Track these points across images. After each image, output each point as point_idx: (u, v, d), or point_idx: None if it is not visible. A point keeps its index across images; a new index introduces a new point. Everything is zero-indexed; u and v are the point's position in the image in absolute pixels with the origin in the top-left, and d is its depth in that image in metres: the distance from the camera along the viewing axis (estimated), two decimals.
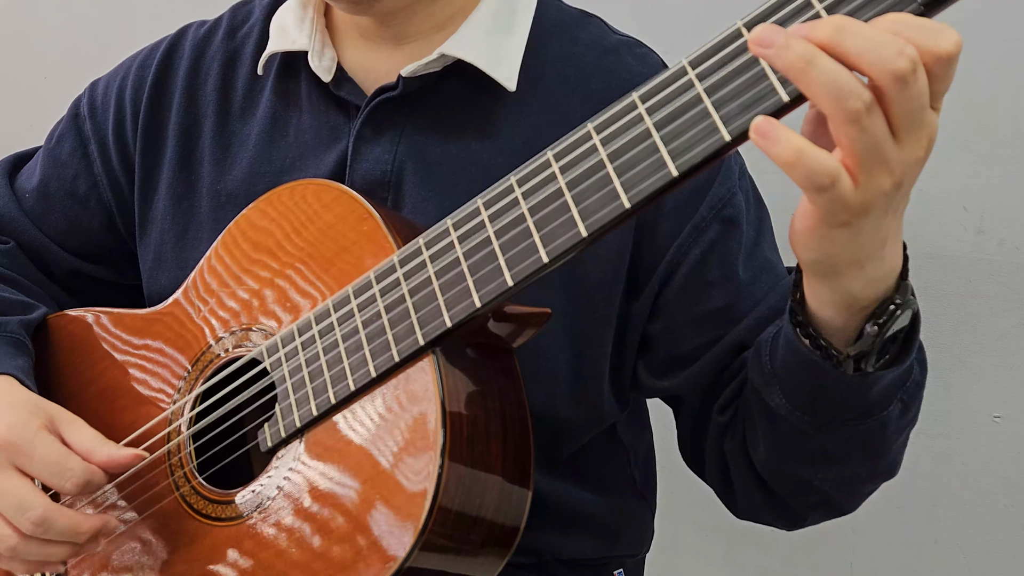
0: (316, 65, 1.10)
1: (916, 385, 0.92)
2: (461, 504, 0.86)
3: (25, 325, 1.16)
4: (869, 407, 0.89)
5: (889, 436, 0.93)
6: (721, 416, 1.06)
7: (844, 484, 0.99)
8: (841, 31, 0.65)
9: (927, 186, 1.59)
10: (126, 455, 0.99)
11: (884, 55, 0.64)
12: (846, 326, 0.83)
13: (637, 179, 0.75)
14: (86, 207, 1.25)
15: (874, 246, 0.75)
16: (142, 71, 1.22)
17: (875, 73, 0.65)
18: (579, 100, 1.07)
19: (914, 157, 0.69)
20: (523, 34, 1.08)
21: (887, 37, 0.64)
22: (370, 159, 1.08)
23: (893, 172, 0.68)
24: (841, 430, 0.91)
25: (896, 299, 0.80)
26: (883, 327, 0.80)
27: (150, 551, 1.02)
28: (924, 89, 0.66)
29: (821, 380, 0.87)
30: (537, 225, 0.81)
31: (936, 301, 1.62)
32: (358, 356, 0.90)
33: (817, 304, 0.83)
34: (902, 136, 0.67)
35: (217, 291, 1.06)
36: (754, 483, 1.03)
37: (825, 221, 0.71)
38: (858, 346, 0.82)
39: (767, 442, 0.98)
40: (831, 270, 0.77)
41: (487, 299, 0.84)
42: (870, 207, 0.69)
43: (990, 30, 1.52)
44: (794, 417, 0.92)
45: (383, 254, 0.92)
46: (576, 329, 1.06)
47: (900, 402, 0.91)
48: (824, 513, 1.04)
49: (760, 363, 0.95)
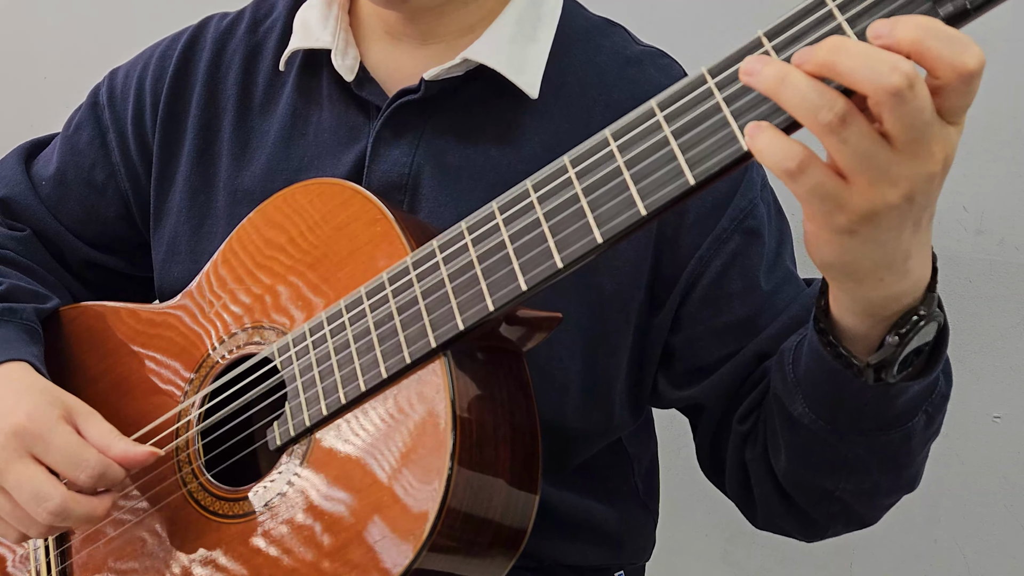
0: (339, 64, 1.10)
1: (942, 397, 0.92)
2: (469, 506, 0.86)
3: (39, 314, 1.15)
4: (893, 419, 0.89)
5: (914, 448, 0.93)
6: (741, 425, 1.05)
7: (865, 495, 0.99)
8: (835, 51, 0.65)
9: None
10: (142, 452, 0.99)
11: (877, 72, 0.64)
12: (868, 335, 0.82)
13: (654, 187, 0.75)
14: (103, 196, 1.24)
15: (894, 259, 0.74)
16: (163, 61, 1.22)
17: (870, 91, 0.65)
18: (600, 109, 1.06)
19: (924, 171, 0.68)
20: (547, 41, 1.08)
21: (881, 54, 0.64)
22: (388, 161, 1.08)
23: (897, 184, 0.68)
24: (863, 440, 0.91)
25: (920, 310, 0.79)
26: (904, 337, 0.80)
27: (156, 546, 1.02)
28: (925, 103, 0.65)
29: (843, 389, 0.87)
30: (552, 230, 0.81)
31: None
32: (369, 357, 0.91)
33: (839, 311, 0.83)
34: (904, 148, 0.67)
35: (229, 288, 1.06)
36: (775, 493, 1.03)
37: (825, 225, 0.71)
38: (878, 355, 0.82)
39: (788, 451, 0.97)
40: (848, 277, 0.77)
41: (500, 303, 0.84)
42: (876, 217, 0.69)
43: (990, 30, 1.53)
44: (816, 426, 0.92)
45: (396, 255, 0.92)
46: (589, 339, 1.06)
47: (925, 414, 0.91)
48: (845, 524, 1.04)
49: (783, 371, 0.94)
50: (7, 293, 1.14)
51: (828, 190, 0.68)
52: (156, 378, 1.08)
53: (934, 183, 0.69)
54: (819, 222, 0.71)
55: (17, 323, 1.12)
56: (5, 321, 1.11)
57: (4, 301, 1.13)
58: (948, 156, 0.69)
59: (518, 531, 0.93)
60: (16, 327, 1.11)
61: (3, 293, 1.14)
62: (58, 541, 1.10)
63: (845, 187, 0.68)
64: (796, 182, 0.68)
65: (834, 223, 0.70)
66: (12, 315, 1.12)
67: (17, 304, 1.14)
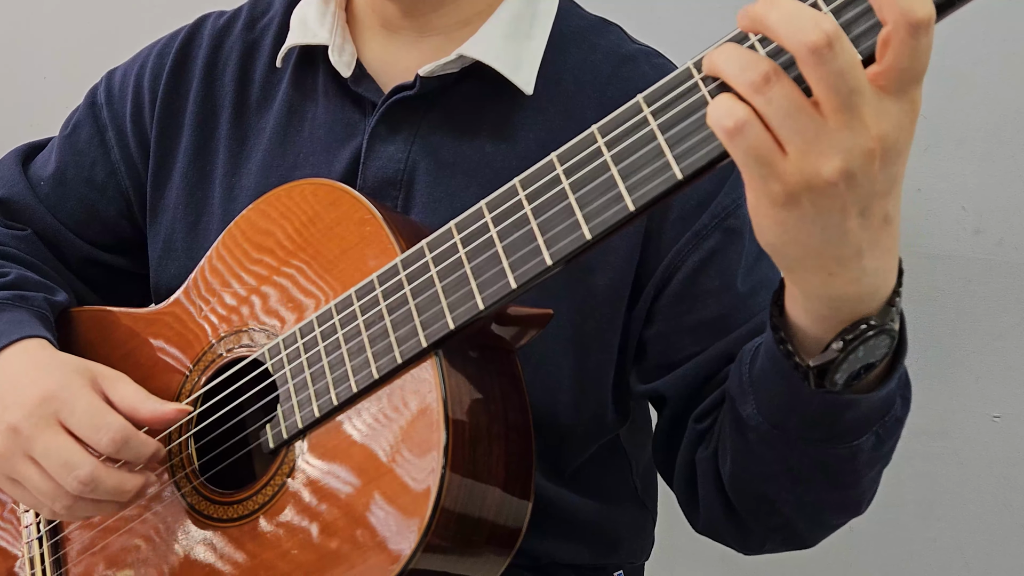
0: (336, 60, 1.10)
1: (896, 421, 0.89)
2: (463, 506, 0.86)
3: (50, 303, 1.15)
4: (840, 432, 0.87)
5: (859, 468, 0.91)
6: (698, 424, 1.04)
7: (806, 510, 0.96)
8: (767, 5, 0.66)
9: (925, 186, 1.59)
10: (171, 410, 0.99)
11: (797, 27, 0.64)
12: (821, 340, 0.80)
13: (642, 182, 0.75)
14: (104, 194, 1.24)
15: (841, 251, 0.72)
16: (160, 59, 1.22)
17: (791, 47, 0.65)
18: (595, 107, 1.06)
19: (857, 145, 0.66)
20: (542, 39, 1.08)
21: (807, 11, 0.65)
22: (383, 157, 1.08)
23: (829, 156, 0.66)
24: (807, 450, 0.89)
25: (872, 320, 0.77)
26: (849, 344, 0.78)
27: (152, 551, 1.02)
28: (848, 66, 0.64)
29: (791, 393, 0.85)
30: (541, 228, 0.81)
31: (935, 301, 1.62)
32: (360, 358, 0.90)
33: (794, 309, 0.81)
34: (831, 116, 0.66)
35: (219, 290, 1.06)
36: (718, 497, 1.01)
37: (763, 194, 0.70)
38: (820, 358, 0.80)
39: (735, 454, 0.95)
40: (794, 263, 0.75)
41: (490, 301, 0.84)
42: (811, 191, 0.68)
43: (990, 30, 1.53)
44: (763, 429, 0.90)
45: (385, 255, 0.92)
46: (581, 337, 1.06)
47: (875, 435, 0.88)
48: (783, 540, 1.01)
49: (739, 371, 0.93)
50: (16, 282, 1.15)
51: (763, 153, 0.67)
52: (150, 382, 1.08)
53: (874, 163, 0.67)
54: (756, 190, 0.70)
55: (29, 308, 1.12)
56: (17, 306, 1.11)
57: (14, 289, 1.13)
58: (887, 134, 0.67)
59: (513, 530, 0.93)
60: (29, 312, 1.11)
61: (12, 282, 1.14)
62: (53, 548, 1.10)
63: (780, 153, 0.67)
64: (733, 141, 0.68)
65: (770, 192, 0.69)
66: (24, 302, 1.12)
67: (28, 292, 1.14)
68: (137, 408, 0.98)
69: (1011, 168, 1.56)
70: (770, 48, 0.69)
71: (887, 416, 0.88)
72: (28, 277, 1.17)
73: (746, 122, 0.67)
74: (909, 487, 1.68)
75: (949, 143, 1.58)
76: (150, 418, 0.98)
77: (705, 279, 1.04)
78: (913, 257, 1.61)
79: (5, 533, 1.15)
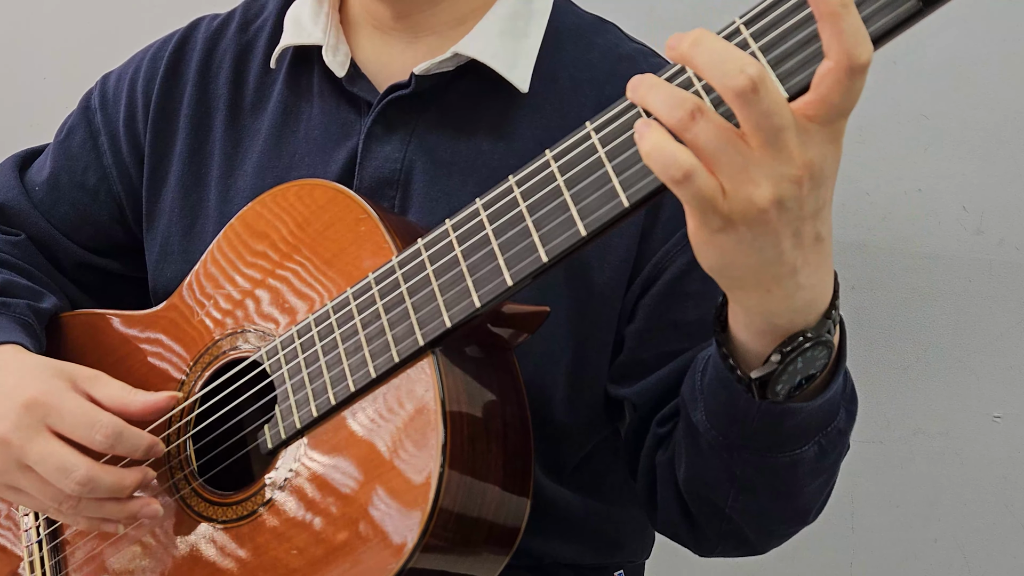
0: (330, 60, 1.10)
1: (838, 432, 0.91)
2: (462, 505, 0.86)
3: (34, 310, 1.15)
4: (781, 441, 0.88)
5: (801, 477, 0.92)
6: (660, 428, 1.04)
7: (753, 518, 0.97)
8: (694, 45, 0.69)
9: (926, 186, 1.59)
10: (161, 398, 0.99)
11: (723, 71, 0.67)
12: (761, 354, 0.82)
13: (636, 177, 0.75)
14: (96, 199, 1.24)
15: (777, 271, 0.74)
16: (154, 63, 1.22)
17: (718, 89, 0.68)
18: (592, 105, 1.06)
19: (786, 174, 0.69)
20: (537, 37, 1.09)
21: (733, 53, 0.67)
22: (380, 157, 1.08)
23: (758, 184, 0.69)
24: (751, 458, 0.90)
25: (808, 333, 0.80)
26: (787, 356, 0.80)
27: (151, 553, 1.02)
28: (774, 106, 0.67)
29: (733, 402, 0.86)
30: (536, 224, 0.81)
31: (935, 301, 1.62)
32: (358, 357, 0.90)
33: (735, 324, 0.84)
34: (758, 148, 0.68)
35: (214, 292, 1.06)
36: (675, 500, 1.01)
37: (703, 224, 0.72)
38: (760, 371, 0.82)
39: (687, 459, 0.96)
40: (733, 283, 0.78)
41: (487, 299, 0.84)
42: (746, 218, 0.70)
43: (990, 30, 1.52)
44: (710, 436, 0.91)
45: (381, 254, 0.92)
46: (579, 335, 1.06)
47: (817, 445, 0.89)
48: (734, 546, 1.02)
49: (692, 379, 0.94)
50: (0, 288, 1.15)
51: (706, 195, 0.70)
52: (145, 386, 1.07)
53: (802, 189, 0.70)
54: (696, 222, 0.73)
55: (9, 315, 1.12)
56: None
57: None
58: (813, 161, 0.69)
59: (512, 528, 0.93)
60: (8, 318, 1.11)
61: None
62: (53, 551, 1.10)
63: (719, 189, 0.70)
64: (680, 188, 0.70)
65: (709, 223, 0.71)
66: (5, 308, 1.12)
67: (11, 299, 1.14)
68: (127, 403, 0.98)
69: (1012, 168, 1.56)
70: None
71: (830, 427, 0.89)
72: (14, 283, 1.17)
73: (693, 171, 0.69)
74: (910, 487, 1.67)
75: (949, 143, 1.58)
76: (141, 409, 0.98)
77: (689, 282, 1.05)
78: (913, 257, 1.61)
79: (5, 537, 1.15)
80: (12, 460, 0.98)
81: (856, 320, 1.60)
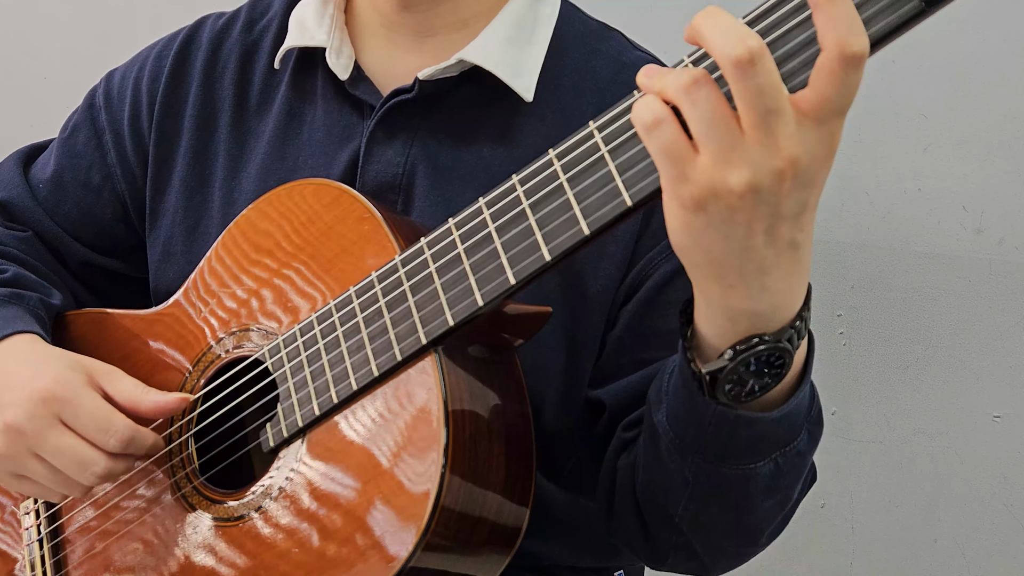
0: (334, 62, 1.10)
1: (797, 454, 0.89)
2: (463, 504, 0.86)
3: (45, 305, 1.16)
4: (735, 451, 0.87)
5: (753, 494, 0.90)
6: (626, 433, 1.03)
7: (702, 532, 0.96)
8: (706, 16, 0.69)
9: (926, 186, 1.59)
10: (173, 400, 1.00)
11: (726, 40, 0.67)
12: (719, 349, 0.81)
13: (639, 176, 0.75)
14: (99, 197, 1.24)
15: (741, 262, 0.74)
16: (159, 62, 1.22)
17: (718, 57, 0.68)
18: (593, 113, 1.04)
19: (768, 164, 0.69)
20: (543, 44, 1.08)
21: (738, 27, 0.68)
22: (382, 161, 1.08)
23: (738, 167, 0.69)
24: (703, 466, 0.89)
25: (766, 335, 0.79)
26: (738, 353, 0.79)
27: (152, 551, 1.02)
28: (769, 85, 0.67)
29: (692, 401, 0.85)
30: (539, 223, 0.81)
31: (935, 301, 1.62)
32: (360, 355, 0.91)
33: (698, 316, 0.82)
34: (748, 130, 0.69)
35: (217, 291, 1.06)
36: (632, 506, 1.00)
37: (673, 194, 0.72)
38: (710, 365, 0.81)
39: (645, 461, 0.96)
40: (698, 269, 0.77)
41: (489, 297, 0.84)
42: (718, 198, 0.70)
43: (990, 30, 1.53)
44: (668, 437, 0.90)
45: (384, 254, 0.92)
46: (573, 340, 1.06)
47: (773, 463, 0.88)
48: (685, 560, 1.00)
49: (660, 380, 0.93)
50: (13, 280, 1.15)
51: (676, 152, 0.70)
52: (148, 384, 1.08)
53: (783, 183, 0.69)
54: (668, 190, 0.73)
55: (24, 306, 1.12)
56: (13, 304, 1.12)
57: (10, 287, 1.14)
58: (799, 158, 0.69)
59: (513, 529, 0.93)
60: (23, 308, 1.12)
61: (9, 280, 1.15)
62: (54, 550, 1.10)
63: (693, 156, 0.70)
64: (649, 136, 0.71)
65: (680, 194, 0.72)
66: (19, 300, 1.13)
67: (24, 291, 1.14)
68: (139, 401, 1.00)
69: (1012, 168, 1.56)
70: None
71: (788, 446, 0.88)
72: (25, 276, 1.17)
73: (663, 119, 0.70)
74: (910, 487, 1.68)
75: (949, 143, 1.58)
76: (152, 408, 1.00)
77: (671, 291, 1.04)
78: (913, 257, 1.61)
79: (5, 535, 1.15)
80: (23, 449, 0.99)
81: (856, 320, 1.60)
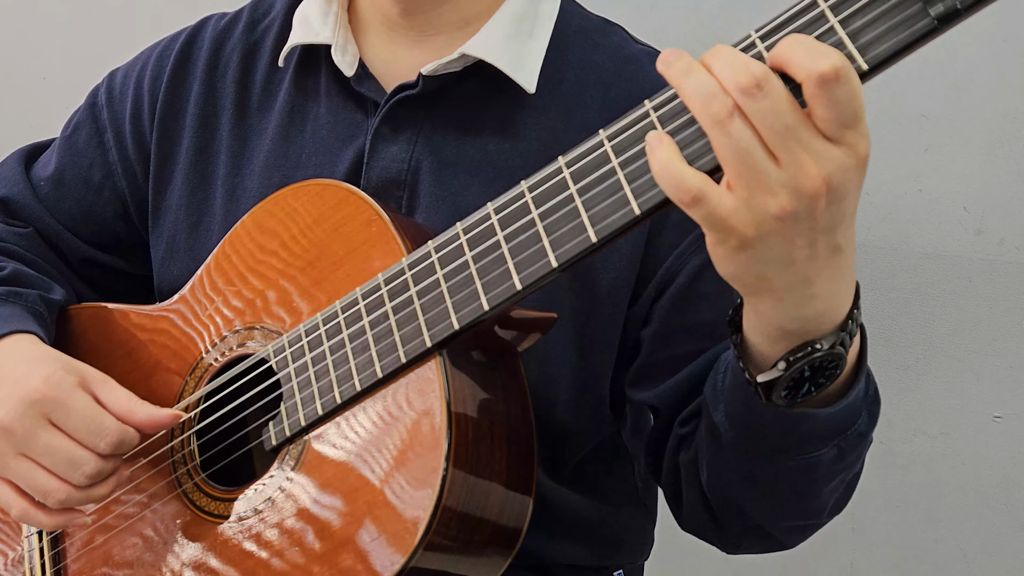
0: (339, 59, 1.10)
1: (859, 435, 0.91)
2: (465, 505, 0.87)
3: (46, 301, 1.15)
4: (797, 444, 0.89)
5: (819, 479, 0.92)
6: (682, 428, 1.04)
7: (772, 517, 0.98)
8: (712, 55, 0.71)
9: (927, 186, 1.59)
10: (165, 415, 0.99)
11: (731, 70, 0.69)
12: (772, 357, 0.83)
13: (648, 186, 0.75)
14: (100, 195, 1.25)
15: (790, 280, 0.75)
16: (161, 61, 1.22)
17: (728, 89, 0.69)
18: (597, 107, 1.07)
19: (802, 187, 0.69)
20: (544, 39, 1.09)
21: (740, 57, 0.70)
22: (387, 157, 1.08)
23: (775, 193, 0.70)
24: (765, 461, 0.91)
25: (817, 343, 0.80)
26: (791, 365, 0.81)
27: (151, 547, 1.02)
28: (779, 106, 0.68)
29: (748, 404, 0.87)
30: (547, 230, 0.81)
31: (936, 301, 1.62)
32: (365, 356, 0.91)
33: (748, 327, 0.84)
34: (776, 155, 0.69)
35: (223, 289, 1.06)
36: (700, 499, 1.02)
37: (719, 243, 0.74)
38: (765, 376, 0.83)
39: (709, 458, 0.97)
40: (748, 290, 0.79)
41: (495, 302, 0.84)
42: (762, 232, 0.71)
43: (990, 30, 1.53)
44: (728, 437, 0.92)
45: (391, 256, 0.93)
46: (584, 336, 1.06)
47: (836, 448, 0.90)
48: (759, 542, 1.03)
49: (714, 379, 0.94)
50: (11, 277, 1.15)
51: (720, 217, 0.71)
52: (151, 380, 1.08)
53: (819, 202, 0.70)
54: (713, 239, 0.74)
55: (22, 304, 1.12)
56: (10, 302, 1.11)
57: (8, 284, 1.14)
58: (831, 175, 0.70)
59: (514, 529, 0.93)
60: (21, 307, 1.12)
61: (7, 277, 1.15)
62: (53, 542, 1.10)
63: (734, 209, 0.71)
64: (692, 211, 0.72)
65: (726, 241, 0.73)
66: (17, 298, 1.12)
67: (23, 288, 1.14)
68: (132, 413, 0.99)
69: (1012, 168, 1.56)
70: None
71: (850, 430, 0.90)
72: (25, 273, 1.17)
73: (704, 193, 0.71)
74: (910, 488, 1.68)
75: (950, 143, 1.58)
76: (144, 422, 0.99)
77: (702, 284, 1.05)
78: (914, 257, 1.61)
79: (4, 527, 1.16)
80: (10, 448, 0.98)
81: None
